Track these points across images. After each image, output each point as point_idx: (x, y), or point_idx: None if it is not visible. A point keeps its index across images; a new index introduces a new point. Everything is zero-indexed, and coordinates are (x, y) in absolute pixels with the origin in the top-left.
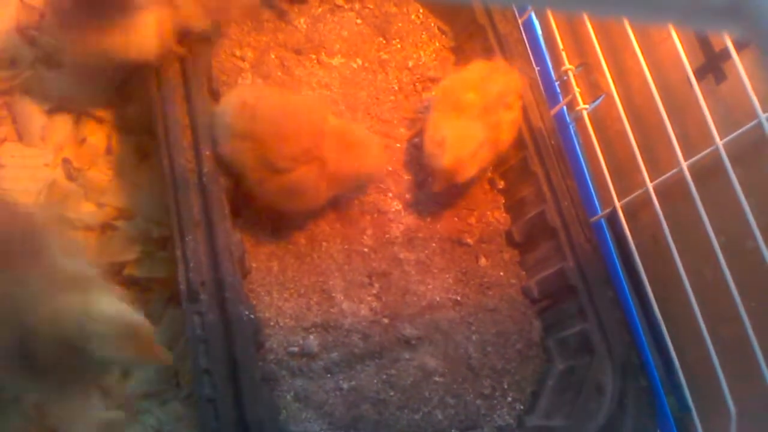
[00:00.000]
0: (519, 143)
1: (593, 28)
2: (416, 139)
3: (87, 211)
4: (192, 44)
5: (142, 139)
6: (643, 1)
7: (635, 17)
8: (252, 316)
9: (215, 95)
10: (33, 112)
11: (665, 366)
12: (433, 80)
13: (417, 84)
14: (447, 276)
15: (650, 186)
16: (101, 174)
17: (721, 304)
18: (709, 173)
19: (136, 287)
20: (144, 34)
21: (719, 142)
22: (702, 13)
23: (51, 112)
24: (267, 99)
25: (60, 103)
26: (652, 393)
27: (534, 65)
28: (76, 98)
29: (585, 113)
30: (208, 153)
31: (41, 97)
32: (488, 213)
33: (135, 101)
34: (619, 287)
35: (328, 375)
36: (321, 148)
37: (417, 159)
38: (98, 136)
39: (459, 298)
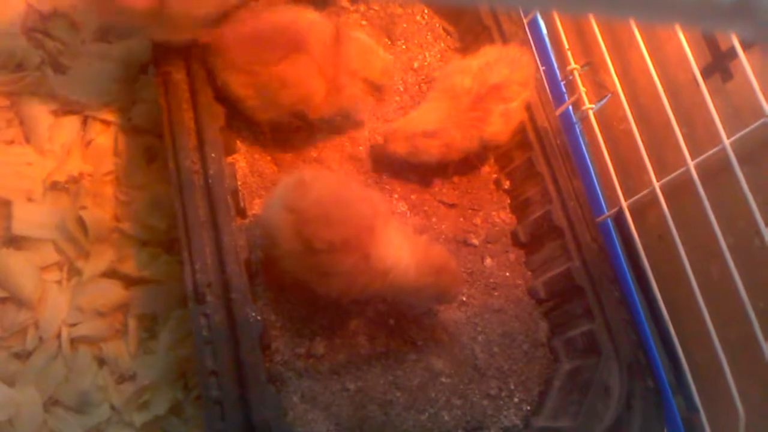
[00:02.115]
0: (524, 143)
1: (599, 27)
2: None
3: (93, 213)
4: (197, 47)
5: (148, 141)
6: (650, 3)
7: (642, 18)
8: (258, 318)
9: (221, 98)
10: (40, 114)
11: (673, 366)
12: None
13: (422, 85)
14: None
15: (657, 185)
16: (108, 176)
17: (728, 304)
18: (716, 172)
19: (143, 288)
20: None
21: (726, 141)
22: (708, 13)
23: (58, 114)
24: (324, 182)
25: (67, 105)
26: (660, 394)
27: (539, 65)
28: (83, 100)
29: (591, 113)
30: (213, 155)
31: (48, 99)
32: (494, 213)
33: (142, 103)
34: (625, 287)
35: (335, 376)
36: (368, 244)
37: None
38: (105, 137)
39: (465, 299)
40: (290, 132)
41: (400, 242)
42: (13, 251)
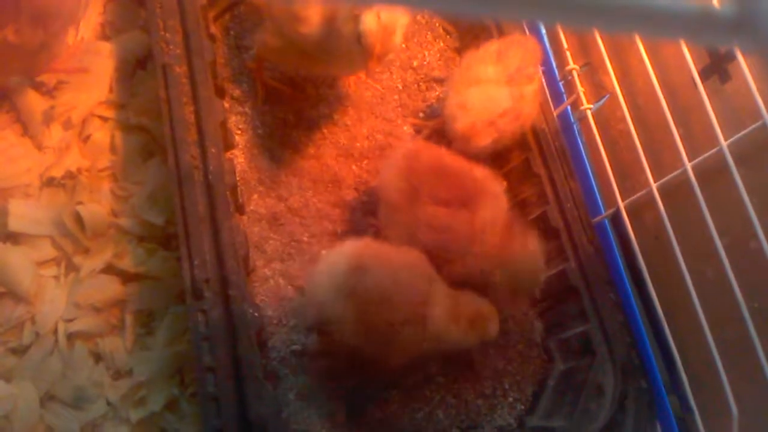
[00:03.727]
0: (522, 144)
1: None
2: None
3: (90, 208)
4: (197, 42)
5: (146, 136)
6: (650, 19)
7: (643, 33)
8: (256, 314)
9: (221, 92)
10: (37, 110)
11: (667, 366)
12: (438, 80)
13: (421, 84)
14: None
15: (654, 186)
16: (105, 171)
17: (723, 305)
18: (713, 174)
19: (140, 284)
20: None
21: (724, 143)
22: (709, 29)
23: (55, 109)
24: (379, 264)
25: (65, 100)
26: (653, 394)
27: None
28: (81, 96)
29: (589, 113)
30: (213, 150)
31: (46, 95)
32: None
33: (139, 98)
34: (621, 287)
35: (331, 374)
36: (423, 311)
37: None
38: (102, 133)
39: None
40: None
41: (443, 300)
42: (10, 246)
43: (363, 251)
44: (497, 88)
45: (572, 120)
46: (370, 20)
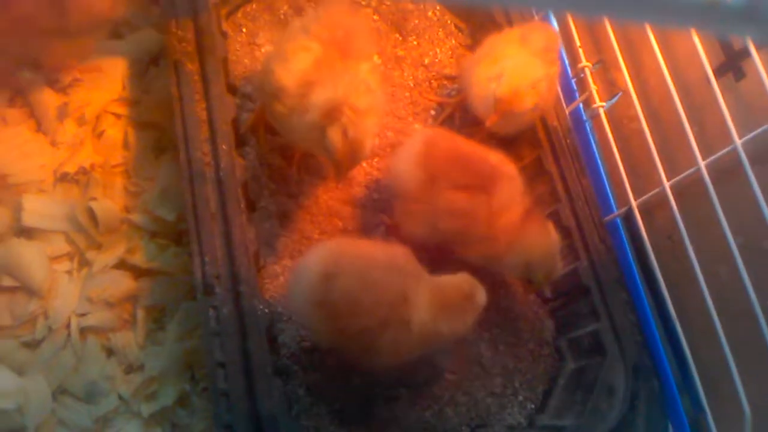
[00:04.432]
0: (533, 141)
1: (611, 25)
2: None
3: (103, 204)
4: (209, 40)
5: (158, 133)
6: (660, 6)
7: (652, 21)
8: (266, 310)
9: (232, 90)
10: (52, 107)
11: (680, 366)
12: (449, 78)
13: (432, 81)
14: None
15: (667, 185)
16: (118, 167)
17: (737, 305)
18: (727, 173)
19: (152, 279)
20: None
21: (738, 142)
22: (718, 17)
23: (70, 106)
24: (347, 266)
25: (79, 97)
26: (664, 394)
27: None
28: (95, 93)
29: (601, 111)
30: (224, 147)
31: (61, 92)
32: None
33: (152, 95)
34: (633, 287)
35: (341, 371)
36: (404, 312)
37: None
38: (116, 129)
39: None
40: None
41: (426, 295)
42: (24, 241)
43: (333, 255)
44: (530, 58)
45: (584, 118)
46: (334, 136)
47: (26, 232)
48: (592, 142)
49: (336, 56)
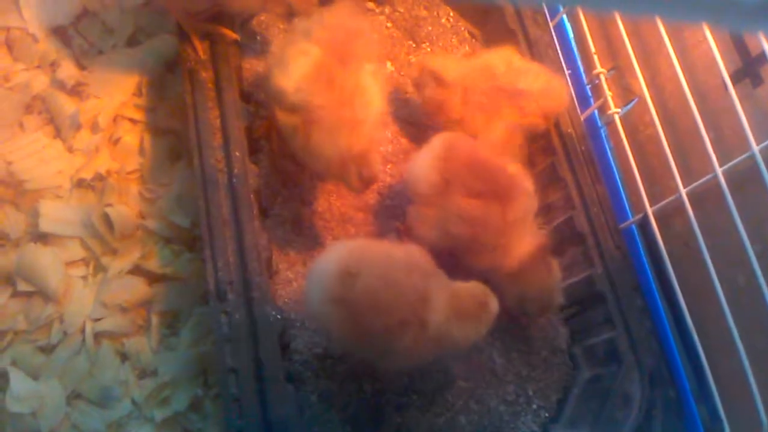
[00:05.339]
0: (547, 148)
1: (626, 30)
2: None
3: (119, 210)
4: (222, 47)
5: (173, 139)
6: (672, 1)
7: (666, 16)
8: (278, 317)
9: (246, 97)
10: (69, 113)
11: (697, 376)
12: None
13: None
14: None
15: (683, 192)
16: (133, 173)
17: (755, 313)
18: (744, 179)
19: (166, 285)
20: None
21: (755, 148)
22: (734, 12)
23: (87, 112)
24: (368, 264)
25: (96, 104)
26: (681, 404)
27: (565, 69)
28: (112, 99)
29: (617, 117)
30: (238, 154)
31: (78, 98)
32: None
33: (167, 102)
34: (649, 295)
35: (352, 377)
36: (422, 313)
37: None
38: (132, 136)
39: None
40: None
41: (443, 296)
42: (40, 247)
43: (353, 253)
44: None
45: (599, 124)
46: (348, 182)
47: (42, 238)
48: (607, 148)
49: (336, 60)
